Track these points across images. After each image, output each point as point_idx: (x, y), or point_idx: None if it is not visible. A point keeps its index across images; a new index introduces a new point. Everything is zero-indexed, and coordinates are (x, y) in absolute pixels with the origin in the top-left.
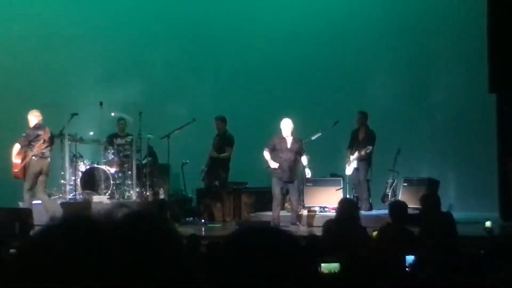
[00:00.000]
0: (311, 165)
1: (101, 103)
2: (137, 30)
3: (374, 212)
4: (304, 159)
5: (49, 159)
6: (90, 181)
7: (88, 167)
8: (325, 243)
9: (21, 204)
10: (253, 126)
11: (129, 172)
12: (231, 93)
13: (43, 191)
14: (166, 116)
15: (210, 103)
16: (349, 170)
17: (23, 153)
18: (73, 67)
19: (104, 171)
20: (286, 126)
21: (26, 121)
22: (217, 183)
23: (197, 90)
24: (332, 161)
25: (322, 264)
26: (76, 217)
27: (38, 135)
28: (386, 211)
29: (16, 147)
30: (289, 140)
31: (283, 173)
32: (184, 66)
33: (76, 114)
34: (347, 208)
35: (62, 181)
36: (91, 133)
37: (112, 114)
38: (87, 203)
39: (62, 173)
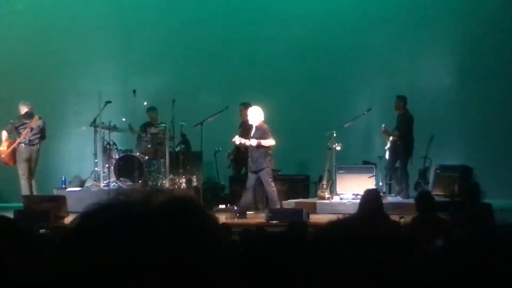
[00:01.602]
0: (342, 153)
1: (134, 91)
2: (170, 18)
3: (401, 199)
4: (266, 142)
5: (37, 146)
6: (124, 169)
7: (121, 155)
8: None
9: (55, 192)
10: (286, 113)
11: (163, 160)
12: (264, 80)
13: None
14: (199, 104)
15: (243, 90)
16: (387, 154)
17: (9, 140)
18: (107, 56)
19: (138, 159)
20: (249, 114)
21: (65, 108)
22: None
23: (230, 77)
24: (365, 148)
25: None
26: (114, 203)
27: (24, 123)
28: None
29: (3, 134)
30: (253, 129)
31: (250, 163)
32: (217, 53)
33: (109, 102)
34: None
35: (96, 169)
36: (124, 119)
37: (145, 103)
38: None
39: (96, 160)
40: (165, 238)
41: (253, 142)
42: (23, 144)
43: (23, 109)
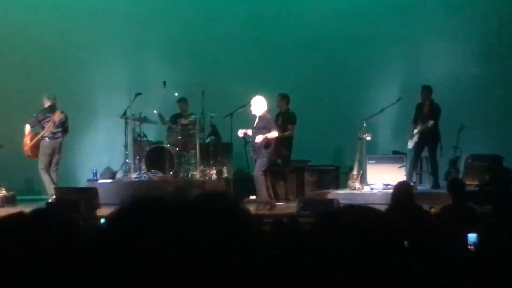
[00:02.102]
0: (372, 143)
1: (164, 83)
2: (200, 9)
3: (430, 189)
4: (270, 135)
5: (60, 140)
6: (155, 160)
7: (152, 146)
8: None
9: (87, 183)
10: (316, 104)
11: (193, 151)
12: (293, 71)
13: (54, 170)
14: (229, 95)
15: (272, 81)
16: (410, 143)
17: (33, 133)
18: (137, 48)
19: (168, 151)
20: (252, 104)
21: (95, 100)
22: (279, 161)
23: (260, 68)
24: (395, 138)
25: None
26: (149, 198)
27: (47, 116)
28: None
29: (27, 127)
30: (256, 118)
31: (252, 152)
32: (246, 43)
33: (140, 93)
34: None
35: (127, 161)
36: (155, 111)
37: (176, 94)
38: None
39: (127, 152)
40: (198, 232)
41: (258, 138)
42: (46, 137)
43: (47, 102)
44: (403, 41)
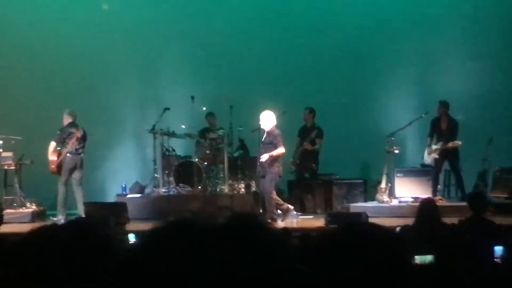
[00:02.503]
0: (400, 156)
1: (192, 97)
2: (226, 24)
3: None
4: (276, 152)
5: (82, 155)
6: (183, 174)
7: (180, 161)
8: (418, 234)
9: (116, 198)
10: (343, 117)
11: (221, 165)
12: (319, 85)
13: (78, 184)
14: (257, 109)
15: (300, 95)
16: (429, 158)
17: (58, 150)
18: (164, 63)
19: (197, 165)
20: (261, 119)
21: (124, 115)
22: (307, 175)
23: (287, 82)
24: (422, 151)
25: (416, 256)
26: (181, 220)
27: (71, 133)
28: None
29: (52, 145)
30: (264, 133)
31: (259, 167)
32: (274, 57)
33: (168, 108)
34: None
35: (156, 175)
36: (183, 126)
37: (204, 108)
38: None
39: (155, 167)
40: (230, 253)
41: (264, 157)
42: (69, 154)
43: (68, 119)
44: (428, 55)
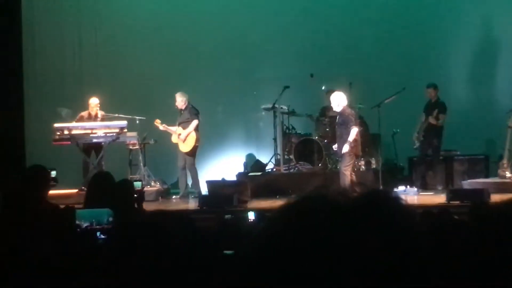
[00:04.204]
0: None
1: (311, 75)
2: (344, 1)
3: None
4: (352, 134)
5: None
6: (303, 152)
7: (301, 139)
8: None
9: (237, 177)
10: (463, 92)
11: None
12: (440, 59)
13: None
14: (376, 86)
15: (418, 71)
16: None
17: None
18: (285, 40)
19: (317, 143)
20: (332, 100)
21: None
22: (430, 151)
23: (406, 59)
24: None
25: None
26: (315, 195)
27: (198, 112)
28: None
29: (195, 123)
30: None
31: (336, 148)
32: (393, 33)
33: (288, 87)
34: None
35: (277, 153)
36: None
37: (323, 87)
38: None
39: (276, 145)
40: (364, 230)
41: (344, 149)
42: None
43: (185, 101)
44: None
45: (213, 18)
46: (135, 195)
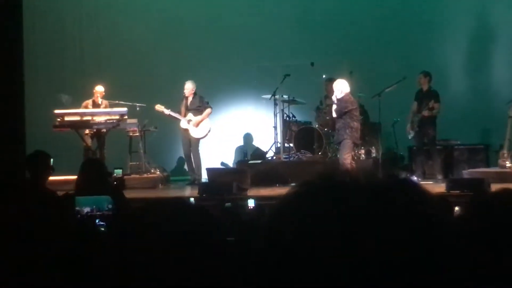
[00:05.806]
0: None
1: (312, 64)
2: None
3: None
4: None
5: None
6: (304, 141)
7: (301, 127)
8: None
9: (237, 165)
10: (465, 81)
11: None
12: (441, 47)
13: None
14: (377, 74)
15: (421, 59)
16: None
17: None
18: (285, 29)
19: (317, 131)
20: (334, 87)
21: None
22: (426, 140)
23: (408, 46)
24: None
25: None
26: (331, 175)
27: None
28: None
29: (208, 111)
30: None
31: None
32: (394, 22)
33: (288, 75)
34: None
35: (277, 141)
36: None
37: (324, 76)
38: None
39: (276, 133)
40: (382, 213)
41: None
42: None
43: (193, 89)
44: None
45: (214, 6)
46: (114, 182)
